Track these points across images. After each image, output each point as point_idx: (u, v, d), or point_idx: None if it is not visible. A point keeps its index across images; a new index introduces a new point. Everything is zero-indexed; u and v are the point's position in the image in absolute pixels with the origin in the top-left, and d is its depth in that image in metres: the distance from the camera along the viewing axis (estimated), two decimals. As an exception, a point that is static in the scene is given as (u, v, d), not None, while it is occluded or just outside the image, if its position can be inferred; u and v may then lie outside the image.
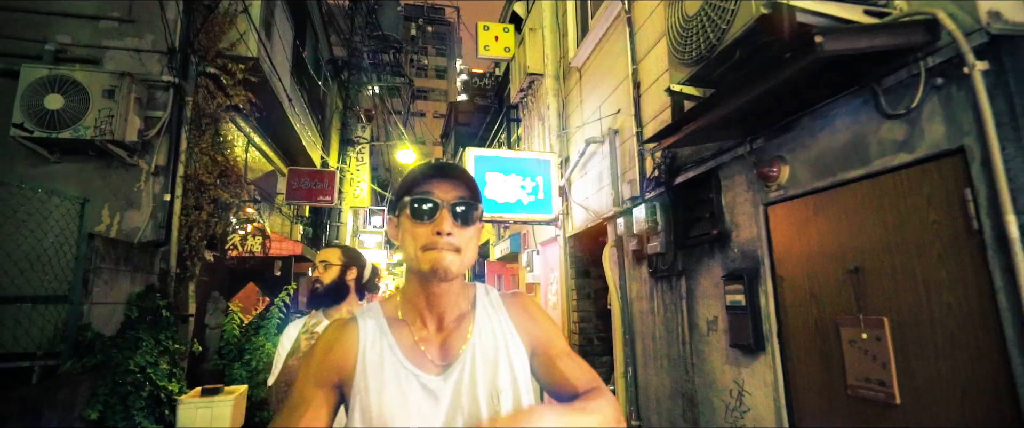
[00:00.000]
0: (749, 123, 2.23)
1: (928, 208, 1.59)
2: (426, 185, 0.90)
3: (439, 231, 0.87)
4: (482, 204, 0.94)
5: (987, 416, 1.43)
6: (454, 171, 0.92)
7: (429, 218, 0.88)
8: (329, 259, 2.09)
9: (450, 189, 0.90)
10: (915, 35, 1.49)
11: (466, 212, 0.89)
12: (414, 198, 0.90)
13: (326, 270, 2.05)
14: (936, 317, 1.56)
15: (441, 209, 0.88)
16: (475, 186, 0.93)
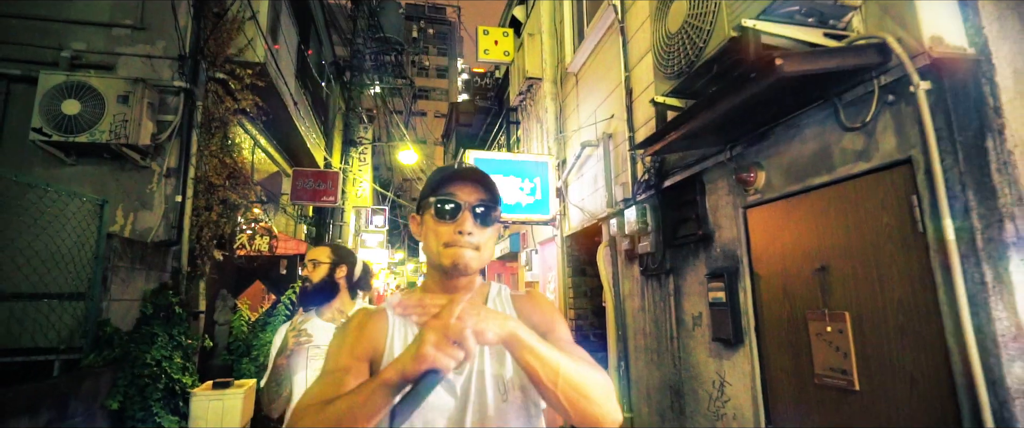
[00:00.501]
0: (729, 131, 2.39)
1: (882, 212, 1.75)
2: (450, 187, 0.96)
3: (461, 230, 0.93)
4: (500, 206, 0.99)
5: (931, 401, 1.59)
6: (476, 175, 0.97)
7: (452, 218, 0.94)
8: (318, 258, 2.08)
9: (472, 192, 0.96)
10: (868, 57, 1.66)
11: (486, 213, 0.95)
12: (438, 199, 0.95)
13: (315, 268, 2.04)
14: (889, 311, 1.73)
15: (463, 210, 0.94)
16: (495, 189, 0.98)
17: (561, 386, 0.81)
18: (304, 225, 9.22)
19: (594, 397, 0.84)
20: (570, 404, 0.83)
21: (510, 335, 0.79)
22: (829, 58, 1.64)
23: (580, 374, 0.83)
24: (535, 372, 0.82)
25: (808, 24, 1.74)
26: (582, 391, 0.82)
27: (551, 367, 0.81)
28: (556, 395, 0.82)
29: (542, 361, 0.81)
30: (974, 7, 1.58)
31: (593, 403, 0.84)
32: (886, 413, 1.73)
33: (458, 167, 1.00)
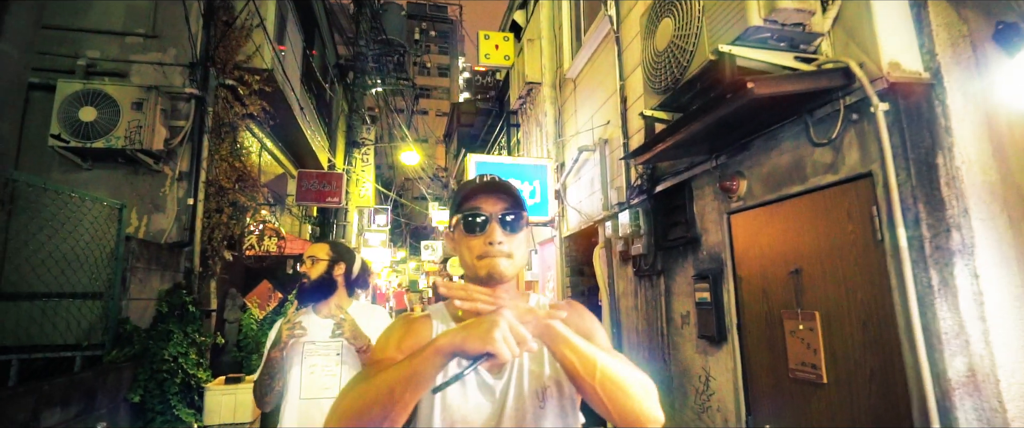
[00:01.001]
0: (714, 142, 2.55)
1: (848, 221, 1.92)
2: (475, 201, 0.98)
3: (491, 241, 0.95)
4: (527, 211, 1.00)
5: (886, 392, 1.75)
6: (499, 186, 0.99)
7: (481, 230, 0.96)
8: (317, 254, 2.07)
9: (496, 202, 0.97)
10: (834, 79, 1.82)
11: (514, 221, 0.97)
12: (465, 214, 0.97)
13: (313, 265, 2.03)
14: (852, 311, 1.89)
15: (490, 221, 0.96)
16: (519, 196, 0.99)
17: (599, 380, 0.82)
18: (309, 225, 9.40)
19: (634, 394, 0.83)
20: (610, 399, 0.83)
21: (547, 328, 0.81)
22: (797, 81, 1.80)
23: (620, 370, 0.84)
24: (573, 366, 0.83)
25: (780, 48, 1.90)
26: (622, 387, 0.82)
27: (589, 360, 0.82)
28: (595, 390, 0.83)
29: (580, 355, 0.82)
30: (929, 35, 1.74)
31: (633, 399, 0.83)
32: (849, 404, 1.90)
33: (480, 180, 1.01)
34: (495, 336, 0.75)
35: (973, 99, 1.68)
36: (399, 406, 0.80)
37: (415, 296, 22.42)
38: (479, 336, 0.76)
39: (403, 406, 0.81)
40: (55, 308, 3.41)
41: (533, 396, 0.95)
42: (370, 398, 0.82)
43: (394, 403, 0.80)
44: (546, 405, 0.95)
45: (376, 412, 0.80)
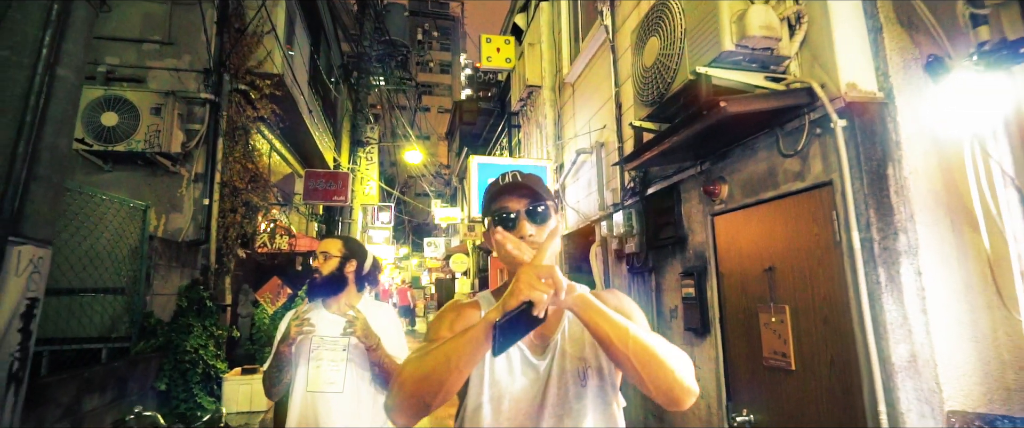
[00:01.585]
0: (698, 150, 2.77)
1: (813, 224, 2.13)
2: (502, 201, 1.05)
3: (522, 235, 1.02)
4: (552, 201, 1.06)
5: (843, 378, 1.97)
6: (521, 184, 1.05)
7: (512, 226, 1.03)
8: (329, 250, 2.09)
9: (520, 199, 1.04)
10: (799, 98, 2.03)
11: (541, 213, 1.04)
12: (495, 214, 1.05)
13: (326, 261, 2.05)
14: (817, 305, 2.11)
15: (520, 217, 1.03)
16: (541, 189, 1.05)
17: (632, 348, 0.86)
18: (315, 223, 9.64)
19: (669, 364, 0.87)
20: (643, 367, 0.86)
21: (580, 297, 0.87)
22: (765, 100, 2.01)
23: (652, 341, 0.89)
24: (605, 334, 0.87)
25: (752, 69, 2.11)
26: (655, 356, 0.86)
27: (620, 329, 0.86)
28: (628, 359, 0.86)
29: (611, 323, 0.87)
30: (883, 58, 1.95)
31: (666, 369, 0.87)
32: (813, 389, 2.12)
33: (503, 180, 1.08)
34: (521, 288, 0.81)
35: (921, 116, 1.89)
36: (455, 373, 0.88)
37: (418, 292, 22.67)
38: (513, 292, 0.83)
39: (459, 373, 0.89)
40: (81, 303, 3.63)
41: (574, 375, 1.02)
42: (428, 367, 0.90)
43: (450, 370, 0.88)
44: (586, 385, 1.01)
45: (434, 379, 0.88)
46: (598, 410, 1.00)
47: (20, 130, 1.74)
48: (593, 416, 0.99)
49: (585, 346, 1.05)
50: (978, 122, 1.54)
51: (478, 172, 5.61)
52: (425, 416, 0.95)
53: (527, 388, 1.01)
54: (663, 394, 0.89)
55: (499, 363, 1.02)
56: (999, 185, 1.51)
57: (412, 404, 0.91)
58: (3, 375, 1.69)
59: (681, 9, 2.28)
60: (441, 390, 0.89)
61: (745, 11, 1.97)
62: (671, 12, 2.35)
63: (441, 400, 0.91)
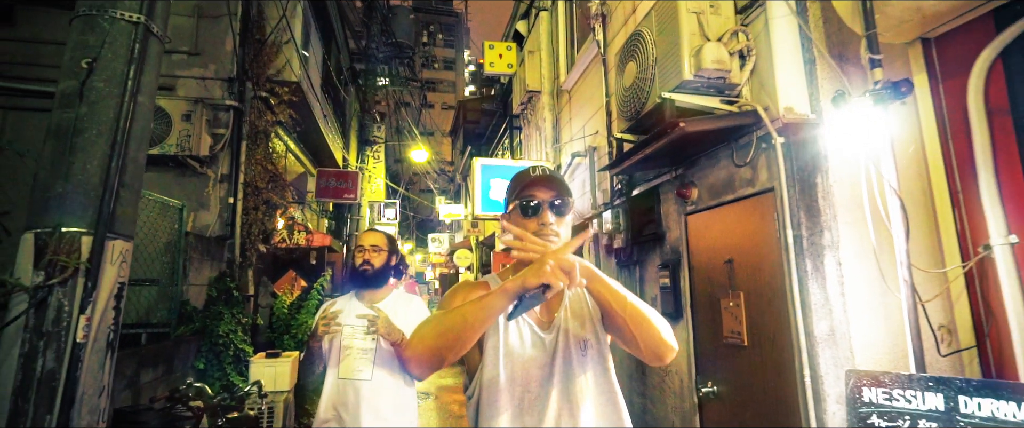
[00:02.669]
0: (672, 158, 3.18)
1: (761, 223, 2.54)
2: (531, 190, 1.17)
3: (543, 222, 1.15)
4: (572, 198, 1.20)
5: (781, 351, 2.39)
6: (550, 177, 1.18)
7: (535, 214, 1.16)
8: (379, 244, 2.21)
9: (548, 191, 1.17)
10: (747, 118, 2.43)
11: (561, 206, 1.17)
12: (522, 199, 1.17)
13: (377, 254, 2.18)
14: (763, 291, 2.52)
15: (543, 207, 1.16)
16: (565, 186, 1.20)
17: (629, 311, 1.06)
18: (326, 220, 10.09)
19: (656, 324, 1.08)
20: (637, 327, 1.06)
21: (587, 268, 1.02)
22: (719, 120, 2.42)
23: (644, 306, 1.08)
24: (607, 300, 1.06)
25: (710, 94, 2.52)
26: (646, 318, 1.07)
27: (619, 295, 1.06)
28: (625, 321, 1.06)
29: (612, 291, 1.06)
30: (816, 87, 2.35)
31: (654, 329, 1.08)
32: (761, 362, 2.54)
33: (533, 172, 1.21)
34: (545, 270, 0.95)
35: (845, 134, 2.30)
36: (469, 332, 1.02)
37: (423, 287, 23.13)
38: (535, 272, 0.96)
39: (473, 333, 1.03)
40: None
41: (577, 346, 1.18)
42: (446, 324, 1.04)
43: (466, 328, 1.02)
44: (587, 353, 1.18)
45: (451, 335, 1.03)
46: (598, 374, 1.18)
47: (113, 147, 2.17)
48: (594, 379, 1.17)
49: (584, 322, 1.22)
50: (873, 144, 1.94)
51: (481, 173, 6.02)
52: (438, 369, 1.09)
53: (537, 358, 1.16)
54: (651, 350, 1.10)
55: (512, 337, 1.16)
56: (888, 193, 1.91)
57: (431, 356, 1.04)
58: (103, 344, 2.13)
59: (653, 40, 2.69)
60: (457, 344, 1.03)
61: (701, 47, 2.38)
62: (645, 42, 2.76)
63: (455, 355, 1.06)
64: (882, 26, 2.07)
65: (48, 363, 1.93)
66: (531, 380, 1.15)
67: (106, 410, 2.15)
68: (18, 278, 1.98)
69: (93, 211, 2.09)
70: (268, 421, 4.00)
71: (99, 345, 2.09)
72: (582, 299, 1.25)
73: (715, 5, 2.50)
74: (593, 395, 1.16)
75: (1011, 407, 1.53)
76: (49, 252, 1.98)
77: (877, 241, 2.01)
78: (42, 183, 2.09)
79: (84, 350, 2.00)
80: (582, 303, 1.24)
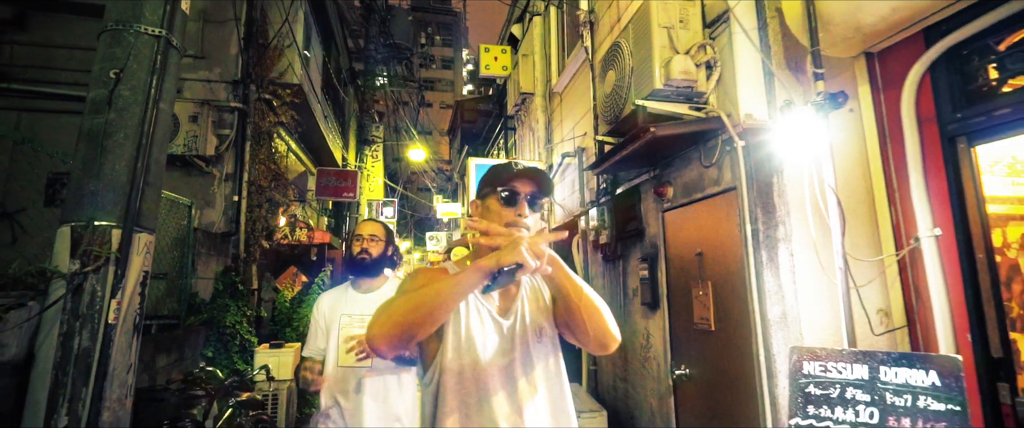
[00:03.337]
0: (650, 159, 3.43)
1: (726, 219, 2.79)
2: (512, 182, 1.23)
3: (520, 213, 1.21)
4: (549, 196, 1.43)
5: (742, 333, 2.63)
6: (530, 172, 1.24)
7: (513, 204, 1.22)
8: (378, 234, 2.26)
9: (527, 185, 1.23)
10: (712, 124, 2.68)
11: (537, 201, 1.24)
12: (503, 189, 1.23)
13: (375, 243, 2.23)
14: (729, 280, 2.77)
15: (521, 198, 1.22)
16: (543, 183, 1.25)
17: (584, 302, 1.15)
18: (326, 218, 10.32)
19: (605, 315, 1.18)
20: (589, 317, 1.15)
21: (555, 258, 1.11)
22: (687, 125, 2.67)
23: (596, 298, 1.18)
24: (567, 289, 1.15)
25: (679, 101, 2.77)
26: (598, 308, 1.17)
27: (577, 285, 1.15)
28: (579, 309, 1.15)
29: (573, 283, 1.15)
30: (773, 95, 2.60)
31: (604, 319, 1.17)
32: (725, 345, 2.79)
33: (517, 167, 1.27)
34: (520, 251, 1.03)
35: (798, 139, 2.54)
36: (443, 307, 1.06)
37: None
38: (509, 252, 1.04)
39: (446, 309, 1.07)
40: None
41: (533, 332, 1.25)
42: (419, 300, 1.05)
43: (440, 304, 1.05)
44: (542, 339, 1.26)
45: (424, 310, 1.04)
46: (551, 358, 1.26)
47: (138, 150, 2.41)
48: (548, 365, 1.25)
49: (540, 311, 1.29)
50: (815, 148, 2.19)
51: (477, 173, 6.27)
52: (404, 348, 1.10)
53: (496, 341, 1.21)
54: (598, 339, 1.19)
55: (473, 323, 1.21)
56: (827, 192, 2.17)
57: (400, 332, 1.05)
58: (130, 325, 2.37)
59: (630, 51, 2.94)
60: (429, 319, 1.05)
61: (670, 59, 2.63)
62: (622, 53, 3.01)
63: (425, 332, 1.08)
64: (828, 42, 2.32)
65: (84, 342, 2.17)
66: (491, 365, 1.19)
67: (132, 385, 2.39)
68: (56, 266, 2.23)
69: (122, 207, 2.34)
70: (273, 406, 4.25)
71: (127, 326, 2.34)
72: (538, 291, 1.33)
73: (685, 20, 2.75)
74: (546, 380, 1.23)
75: (920, 374, 1.78)
76: (84, 243, 2.22)
77: (818, 234, 2.26)
78: (76, 181, 2.34)
79: (115, 331, 2.25)
80: (538, 294, 1.32)
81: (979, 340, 2.01)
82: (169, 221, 4.57)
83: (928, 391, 1.76)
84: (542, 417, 1.19)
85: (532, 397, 1.20)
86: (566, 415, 1.25)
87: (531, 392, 1.20)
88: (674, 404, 3.28)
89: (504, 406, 1.17)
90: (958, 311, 2.07)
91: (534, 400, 1.20)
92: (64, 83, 5.46)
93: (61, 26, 5.57)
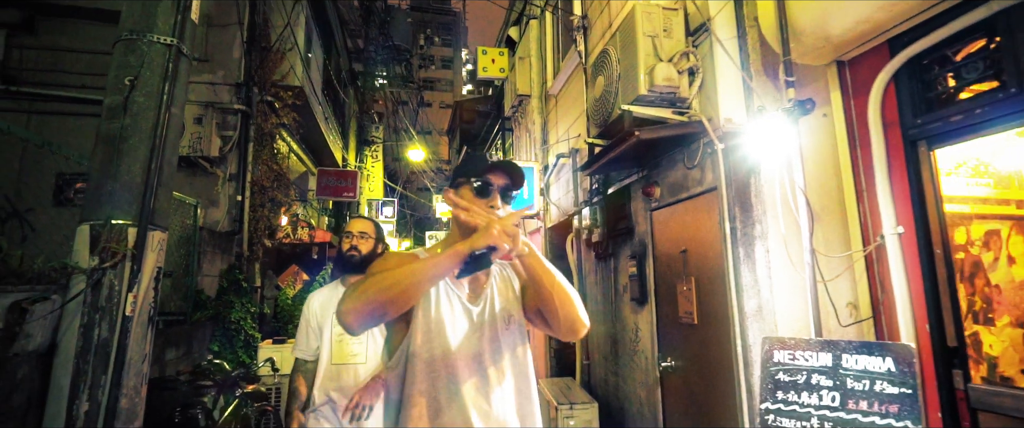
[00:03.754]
0: (639, 160, 3.58)
1: (708, 217, 2.94)
2: (486, 174, 1.27)
3: (492, 205, 1.25)
4: (519, 189, 1.31)
5: (723, 325, 2.79)
6: (504, 166, 1.29)
7: (485, 195, 1.26)
8: (367, 231, 2.27)
9: (500, 178, 1.28)
10: (694, 128, 2.83)
11: (509, 194, 1.29)
12: (477, 180, 1.27)
13: (364, 240, 2.23)
14: (710, 275, 2.93)
15: (494, 190, 1.26)
16: (515, 176, 1.29)
17: (556, 289, 1.17)
18: (326, 217, 10.47)
19: (575, 301, 1.21)
20: (560, 303, 1.18)
21: (528, 243, 1.14)
22: (669, 129, 2.82)
23: (567, 285, 1.21)
24: (539, 275, 1.17)
25: (664, 106, 2.92)
26: (569, 294, 1.20)
27: (549, 272, 1.18)
28: (551, 294, 1.17)
29: (545, 268, 1.17)
30: (751, 100, 2.75)
31: (574, 306, 1.20)
32: (707, 337, 2.94)
33: (493, 160, 1.31)
34: (493, 233, 1.06)
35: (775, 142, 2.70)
36: (417, 287, 1.10)
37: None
38: (483, 235, 1.07)
39: (419, 289, 1.11)
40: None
41: (502, 318, 1.29)
42: (394, 279, 1.08)
43: (414, 283, 1.08)
44: (510, 325, 1.29)
45: (398, 288, 1.07)
46: (518, 344, 1.30)
47: (152, 152, 2.56)
48: (513, 350, 1.28)
49: (508, 299, 1.33)
50: (787, 151, 2.35)
51: (473, 172, 6.42)
52: (375, 325, 1.14)
53: (465, 326, 1.24)
54: (568, 325, 1.22)
55: (443, 308, 1.23)
56: (797, 193, 2.32)
57: (373, 309, 1.07)
58: (145, 318, 2.52)
59: (617, 58, 3.09)
60: (402, 298, 1.08)
61: (654, 66, 2.78)
62: (610, 59, 3.16)
63: (397, 310, 1.12)
64: (800, 52, 2.47)
65: (103, 333, 2.33)
66: (459, 349, 1.21)
67: (147, 374, 2.55)
68: (76, 262, 2.38)
69: (137, 206, 2.49)
70: (276, 398, 4.40)
71: (143, 319, 2.49)
72: (507, 280, 1.37)
73: (668, 29, 2.90)
74: (513, 366, 1.26)
75: (878, 361, 1.94)
76: (102, 241, 2.37)
77: (788, 232, 2.41)
78: (94, 183, 2.49)
79: (131, 322, 2.40)
80: (507, 283, 1.36)
81: (937, 330, 2.16)
82: (175, 220, 4.72)
83: (884, 376, 1.91)
84: (508, 403, 1.23)
85: (499, 383, 1.23)
86: (530, 402, 1.28)
87: (498, 378, 1.23)
88: (661, 395, 3.44)
89: (471, 390, 1.19)
90: (918, 303, 2.22)
91: (501, 386, 1.23)
92: (71, 86, 5.61)
93: (68, 31, 5.72)
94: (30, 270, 2.24)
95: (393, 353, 1.23)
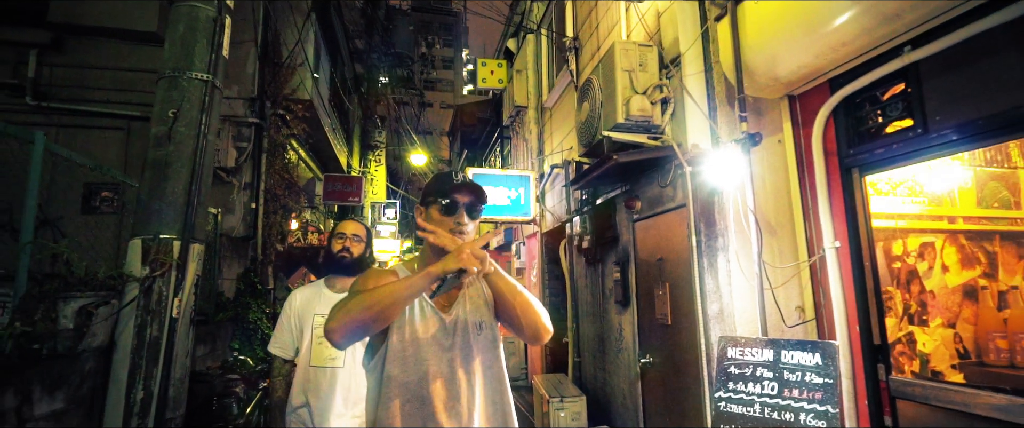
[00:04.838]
0: (622, 177, 3.96)
1: (680, 230, 3.32)
2: (453, 193, 1.35)
3: (459, 222, 1.33)
4: (484, 206, 1.39)
5: (692, 324, 3.16)
6: (470, 185, 1.37)
7: (453, 213, 1.34)
8: (360, 234, 2.28)
9: (465, 196, 1.35)
10: (667, 151, 3.21)
11: (475, 211, 1.37)
12: (443, 200, 1.34)
13: (357, 243, 2.24)
14: (682, 281, 3.31)
15: (460, 208, 1.34)
16: (481, 193, 1.38)
17: (519, 300, 1.29)
18: (331, 220, 10.87)
19: (538, 311, 1.32)
20: (523, 313, 1.29)
21: (493, 264, 1.24)
22: (644, 153, 3.20)
23: (530, 296, 1.32)
24: (503, 290, 1.29)
25: (639, 132, 3.30)
26: (532, 305, 1.31)
27: (512, 285, 1.30)
28: (515, 306, 1.28)
29: (507, 283, 1.30)
30: (716, 127, 3.13)
31: (538, 315, 1.31)
32: (679, 337, 3.32)
33: (457, 178, 1.37)
34: (465, 257, 1.17)
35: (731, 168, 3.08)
36: (395, 307, 1.18)
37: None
38: (454, 259, 1.18)
39: (398, 308, 1.20)
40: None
41: (474, 327, 1.36)
42: (374, 299, 1.16)
43: (393, 303, 1.17)
44: (482, 334, 1.36)
45: (378, 308, 1.16)
46: (490, 351, 1.37)
47: (192, 175, 2.95)
48: (486, 356, 1.36)
49: (479, 308, 1.40)
50: (740, 176, 2.73)
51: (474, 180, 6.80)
52: (359, 340, 1.25)
53: (437, 334, 1.32)
54: (532, 331, 1.33)
55: (417, 318, 1.31)
56: (748, 213, 2.70)
57: (356, 327, 1.17)
58: (188, 319, 2.91)
59: (599, 88, 3.47)
60: (381, 316, 1.17)
61: (630, 98, 3.16)
62: (594, 88, 3.54)
63: (379, 326, 1.21)
64: (755, 88, 2.85)
65: (154, 332, 2.72)
66: (432, 355, 1.29)
67: (189, 368, 2.94)
68: (131, 271, 2.77)
69: (180, 222, 2.88)
70: (292, 392, 4.78)
71: (185, 320, 2.88)
72: (480, 290, 1.43)
73: (644, 64, 3.28)
74: (483, 371, 1.34)
75: (809, 356, 2.32)
76: (152, 253, 2.76)
77: (741, 246, 2.80)
78: (144, 202, 2.88)
79: (177, 323, 2.79)
80: (479, 293, 1.43)
81: (865, 330, 2.54)
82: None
83: (812, 369, 2.30)
84: (477, 406, 1.31)
85: (470, 387, 1.31)
86: (503, 406, 1.36)
87: (469, 383, 1.31)
88: (641, 388, 3.82)
89: (442, 393, 1.27)
90: (850, 307, 2.60)
91: (472, 390, 1.31)
92: (96, 101, 6.00)
93: (94, 49, 6.10)
94: (94, 278, 2.62)
95: (373, 355, 1.33)
